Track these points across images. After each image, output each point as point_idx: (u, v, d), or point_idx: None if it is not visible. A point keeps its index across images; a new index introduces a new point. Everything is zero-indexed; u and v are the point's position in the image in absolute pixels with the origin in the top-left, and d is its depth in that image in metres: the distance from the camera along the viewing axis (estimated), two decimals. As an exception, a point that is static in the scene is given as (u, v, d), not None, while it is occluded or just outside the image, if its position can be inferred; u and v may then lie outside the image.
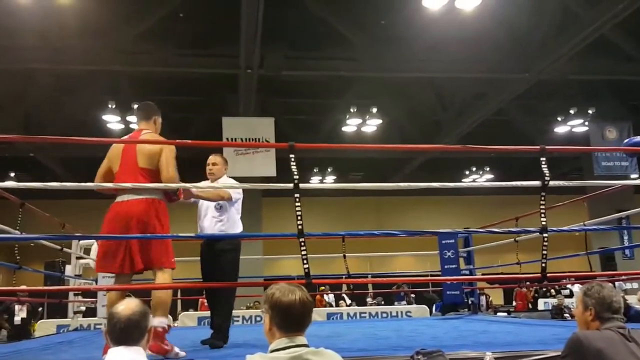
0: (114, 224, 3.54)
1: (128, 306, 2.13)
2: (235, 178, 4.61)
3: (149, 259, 3.53)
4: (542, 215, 3.70)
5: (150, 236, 3.53)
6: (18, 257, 5.44)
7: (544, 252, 3.70)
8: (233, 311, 4.78)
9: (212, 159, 4.55)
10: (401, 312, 8.56)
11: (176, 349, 3.52)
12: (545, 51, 10.47)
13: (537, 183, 3.75)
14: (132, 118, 12.57)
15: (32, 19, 9.38)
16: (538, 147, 3.82)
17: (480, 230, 5.42)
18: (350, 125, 14.00)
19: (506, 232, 4.93)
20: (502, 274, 11.20)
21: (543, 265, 3.74)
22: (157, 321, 3.45)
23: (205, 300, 4.78)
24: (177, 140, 3.75)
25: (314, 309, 2.14)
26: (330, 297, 14.74)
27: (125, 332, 2.06)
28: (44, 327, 7.50)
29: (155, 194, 3.58)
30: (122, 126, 12.94)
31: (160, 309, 3.54)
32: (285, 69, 11.05)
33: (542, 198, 3.69)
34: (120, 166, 3.66)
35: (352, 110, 13.51)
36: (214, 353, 3.96)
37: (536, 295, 15.58)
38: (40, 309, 10.79)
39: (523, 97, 12.99)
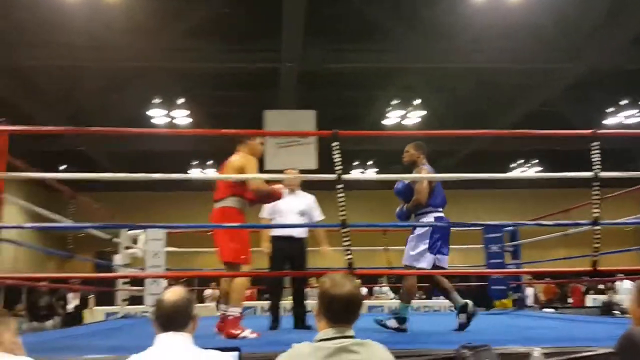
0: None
1: (174, 292, 2.18)
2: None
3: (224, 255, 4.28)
4: (595, 206, 3.56)
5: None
6: (71, 246, 5.64)
7: (596, 245, 3.57)
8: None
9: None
10: (443, 307, 8.46)
11: (247, 331, 4.08)
12: (595, 40, 10.10)
13: (589, 174, 3.61)
14: (175, 113, 12.91)
15: (80, 17, 9.62)
16: (589, 131, 3.68)
17: (529, 222, 5.30)
18: (392, 117, 13.85)
19: (556, 224, 4.78)
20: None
21: (595, 259, 3.61)
22: (231, 309, 4.14)
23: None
24: (220, 130, 3.80)
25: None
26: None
27: (172, 317, 2.11)
28: (94, 314, 7.75)
29: (228, 203, 4.25)
30: (168, 119, 13.22)
31: (234, 298, 4.15)
32: (326, 62, 11.02)
33: (595, 188, 3.55)
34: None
35: (393, 102, 13.35)
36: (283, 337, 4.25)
37: (590, 291, 15.11)
38: (91, 296, 11.12)
39: (572, 88, 12.55)
